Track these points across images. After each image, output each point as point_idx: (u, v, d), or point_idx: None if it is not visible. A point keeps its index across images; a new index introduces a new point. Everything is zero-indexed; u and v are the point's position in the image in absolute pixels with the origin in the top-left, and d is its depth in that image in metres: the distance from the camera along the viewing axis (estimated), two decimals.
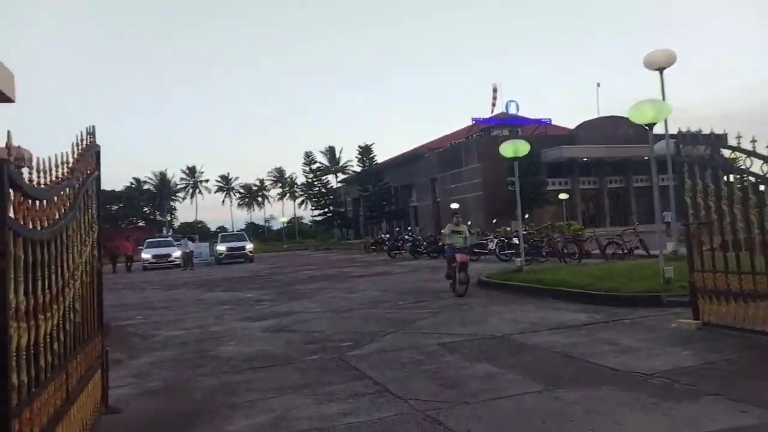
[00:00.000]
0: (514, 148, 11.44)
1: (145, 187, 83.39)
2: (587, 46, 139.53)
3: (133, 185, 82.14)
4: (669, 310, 7.41)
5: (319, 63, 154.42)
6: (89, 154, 4.02)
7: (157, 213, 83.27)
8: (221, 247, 30.35)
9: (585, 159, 46.79)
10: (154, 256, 28.42)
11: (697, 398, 3.91)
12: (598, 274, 10.35)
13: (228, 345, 6.87)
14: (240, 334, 7.60)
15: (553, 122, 49.75)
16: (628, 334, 6.15)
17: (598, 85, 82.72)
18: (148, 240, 32.24)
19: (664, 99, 10.32)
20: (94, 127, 4.22)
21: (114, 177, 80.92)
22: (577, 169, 47.37)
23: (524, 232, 19.48)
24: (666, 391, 4.08)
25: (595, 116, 49.77)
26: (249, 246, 30.72)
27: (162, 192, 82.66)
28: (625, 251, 14.72)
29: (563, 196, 40.11)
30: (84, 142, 3.89)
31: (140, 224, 75.20)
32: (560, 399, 4.05)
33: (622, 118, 50.19)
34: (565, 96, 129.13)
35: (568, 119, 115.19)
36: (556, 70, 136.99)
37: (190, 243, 29.51)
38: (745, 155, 5.65)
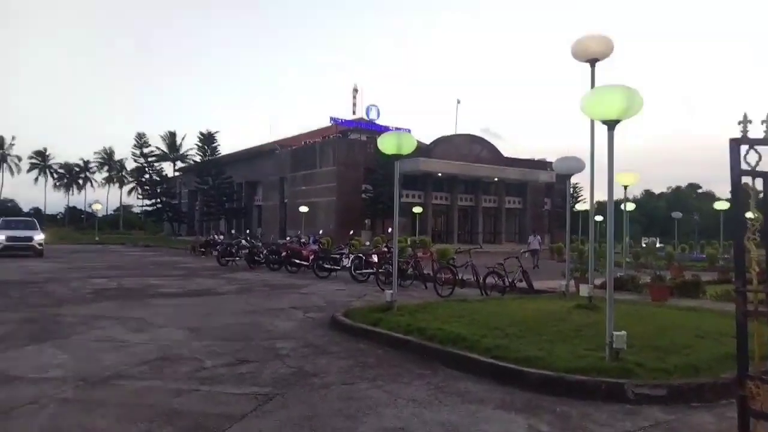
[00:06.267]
0: (397, 142, 8.22)
1: None
2: (450, 62, 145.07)
3: None
4: (644, 411, 4.63)
5: (168, 46, 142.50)
6: None
7: None
8: None
9: (440, 174, 45.94)
10: None
11: None
12: (499, 324, 7.48)
13: None
14: None
15: (412, 134, 48.36)
16: None
17: (458, 101, 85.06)
18: None
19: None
20: None
21: None
22: (431, 184, 46.39)
23: (384, 249, 16.55)
24: None
25: (453, 132, 49.52)
26: (39, 237, 24.19)
27: None
28: (507, 284, 12.27)
29: (417, 209, 38.53)
30: None
31: None
32: None
33: (477, 137, 50.71)
34: (426, 109, 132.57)
35: (425, 133, 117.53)
36: (419, 81, 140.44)
37: None
38: None
